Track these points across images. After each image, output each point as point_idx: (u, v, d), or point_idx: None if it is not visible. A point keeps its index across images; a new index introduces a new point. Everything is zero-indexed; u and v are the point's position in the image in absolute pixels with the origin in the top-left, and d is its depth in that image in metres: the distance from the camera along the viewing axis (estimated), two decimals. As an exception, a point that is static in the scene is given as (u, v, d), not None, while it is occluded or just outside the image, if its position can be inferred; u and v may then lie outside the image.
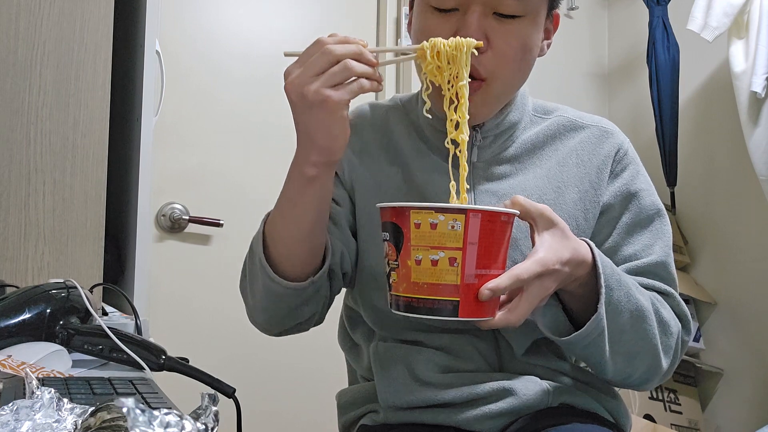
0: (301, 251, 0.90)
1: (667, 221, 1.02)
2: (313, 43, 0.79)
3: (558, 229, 0.84)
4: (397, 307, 0.79)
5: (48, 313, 0.97)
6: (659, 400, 2.42)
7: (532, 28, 0.91)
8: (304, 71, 0.78)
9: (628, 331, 0.90)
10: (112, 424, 0.43)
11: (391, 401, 0.96)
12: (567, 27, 2.85)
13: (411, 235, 0.75)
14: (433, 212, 0.74)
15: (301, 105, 0.79)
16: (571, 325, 0.90)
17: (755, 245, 2.45)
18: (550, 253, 0.82)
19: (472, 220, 0.73)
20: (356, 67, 0.78)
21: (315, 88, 0.77)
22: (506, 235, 0.79)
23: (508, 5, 0.87)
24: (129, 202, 1.77)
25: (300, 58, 0.80)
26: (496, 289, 0.77)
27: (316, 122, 0.80)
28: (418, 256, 0.75)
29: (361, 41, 0.80)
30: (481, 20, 0.87)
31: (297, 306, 0.93)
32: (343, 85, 0.78)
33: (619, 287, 0.88)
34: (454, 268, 0.74)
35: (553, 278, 0.82)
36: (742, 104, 2.26)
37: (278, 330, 0.99)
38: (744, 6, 2.26)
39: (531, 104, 1.04)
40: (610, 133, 1.03)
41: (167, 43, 2.10)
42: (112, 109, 1.59)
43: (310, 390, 2.27)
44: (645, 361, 0.93)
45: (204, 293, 2.22)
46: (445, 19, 0.89)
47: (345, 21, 2.46)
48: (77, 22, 1.54)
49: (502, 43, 0.89)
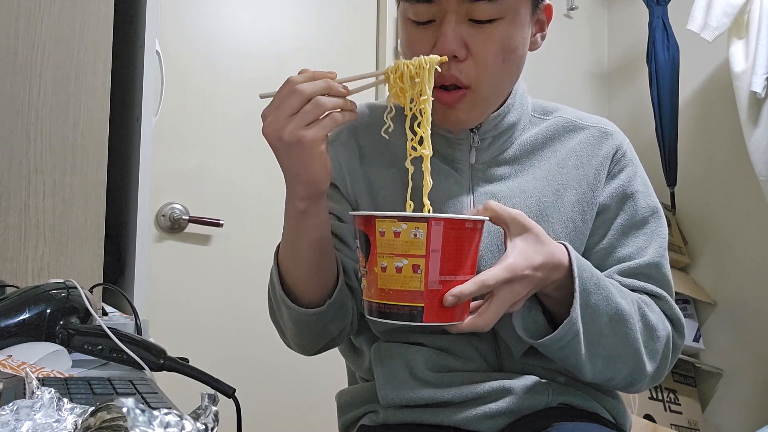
0: (313, 278, 0.92)
1: (664, 223, 1.01)
2: (284, 84, 0.82)
3: (531, 234, 0.84)
4: (369, 312, 0.81)
5: (48, 313, 0.97)
6: (659, 400, 2.42)
7: (512, 27, 0.90)
8: (277, 114, 0.80)
9: (608, 334, 0.89)
10: (112, 424, 0.43)
11: (390, 397, 0.96)
12: (567, 27, 2.85)
13: (377, 242, 0.77)
14: (396, 221, 0.75)
15: (280, 147, 0.82)
16: (549, 328, 0.90)
17: (755, 245, 2.45)
18: (520, 259, 0.82)
19: (434, 228, 0.75)
20: (327, 103, 0.80)
21: (290, 129, 0.79)
22: (474, 242, 0.79)
23: (482, 10, 0.87)
24: (129, 202, 1.77)
25: (273, 100, 0.82)
26: (460, 294, 0.78)
27: (297, 161, 0.82)
28: (384, 263, 0.76)
29: (330, 74, 0.82)
30: (456, 29, 0.87)
31: (323, 326, 0.95)
32: (317, 122, 0.80)
33: (598, 291, 0.87)
34: (417, 275, 0.76)
35: (524, 284, 0.82)
36: (742, 104, 2.26)
37: (314, 351, 1.02)
38: (744, 6, 2.26)
39: (530, 105, 1.04)
40: (609, 134, 1.03)
41: (167, 43, 2.10)
42: (112, 109, 1.59)
43: (310, 390, 2.27)
44: (627, 365, 0.92)
45: (204, 293, 2.22)
46: (423, 31, 0.89)
47: (345, 21, 2.46)
48: (77, 22, 1.54)
49: (481, 48, 0.88)
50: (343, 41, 2.46)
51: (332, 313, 0.94)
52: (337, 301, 0.94)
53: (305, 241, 0.89)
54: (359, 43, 2.49)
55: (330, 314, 0.94)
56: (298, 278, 0.93)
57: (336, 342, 1.01)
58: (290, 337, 1.00)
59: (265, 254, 0.99)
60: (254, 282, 1.92)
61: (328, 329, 0.96)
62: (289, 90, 0.81)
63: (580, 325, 0.86)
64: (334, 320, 0.96)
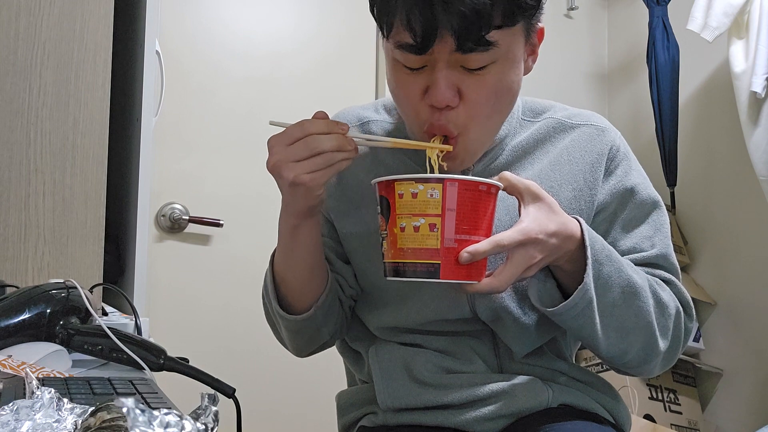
0: (306, 283, 0.96)
1: (665, 212, 1.02)
2: (298, 126, 0.82)
3: (544, 204, 0.85)
4: (386, 273, 0.84)
5: (48, 313, 0.97)
6: (659, 400, 2.42)
7: (506, 69, 0.86)
8: (286, 155, 0.82)
9: (621, 305, 0.90)
10: (112, 424, 0.43)
11: (390, 403, 0.96)
12: (567, 27, 2.85)
13: (396, 204, 0.81)
14: (414, 182, 0.80)
15: (281, 182, 0.84)
16: (562, 298, 0.90)
17: (755, 245, 2.45)
18: (534, 224, 0.83)
19: (449, 189, 0.79)
20: (337, 157, 0.82)
21: (295, 173, 0.81)
22: (489, 206, 0.82)
23: (474, 60, 0.83)
24: (129, 202, 1.77)
25: (283, 137, 0.83)
26: (475, 252, 0.79)
27: (294, 197, 0.86)
28: (402, 223, 0.80)
29: (342, 128, 0.82)
30: (449, 76, 0.84)
31: (314, 331, 0.99)
32: (323, 169, 0.82)
33: (610, 262, 0.88)
34: (434, 233, 0.79)
35: (538, 248, 0.83)
36: (742, 104, 2.26)
37: (306, 353, 1.06)
38: (744, 6, 2.26)
39: (520, 108, 1.03)
40: (602, 130, 1.02)
41: (167, 43, 2.10)
42: (112, 109, 1.59)
43: (309, 390, 2.27)
44: (639, 339, 0.93)
45: (204, 293, 2.22)
46: (414, 77, 0.86)
47: (344, 21, 2.46)
48: (77, 22, 1.54)
49: (475, 95, 0.85)
50: (343, 41, 2.46)
51: (320, 318, 0.97)
52: (323, 307, 0.96)
53: (299, 249, 0.92)
54: (359, 43, 2.49)
55: (318, 319, 0.97)
56: (293, 283, 0.96)
57: (327, 345, 1.06)
58: (284, 340, 1.04)
59: (265, 254, 0.99)
60: (254, 282, 1.92)
61: (320, 333, 1.00)
62: (302, 136, 0.82)
63: (593, 293, 0.87)
64: (325, 324, 0.99)
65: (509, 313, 0.95)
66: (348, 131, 0.83)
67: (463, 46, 0.80)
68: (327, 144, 0.81)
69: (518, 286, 0.96)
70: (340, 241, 1.03)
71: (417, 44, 0.81)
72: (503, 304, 0.96)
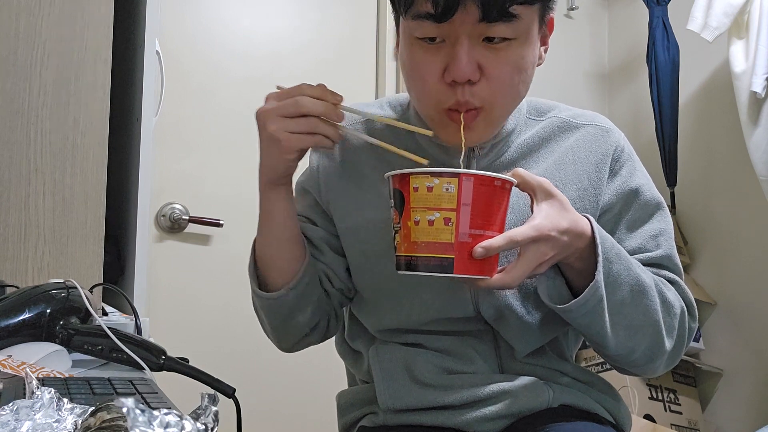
0: (280, 259, 0.96)
1: (668, 212, 1.03)
2: (297, 87, 0.87)
3: (557, 201, 0.86)
4: (398, 266, 0.84)
5: (48, 313, 0.97)
6: (659, 400, 2.42)
7: (525, 47, 0.88)
8: (275, 108, 0.86)
9: (629, 304, 0.90)
10: (112, 424, 0.43)
11: (390, 404, 0.96)
12: (567, 27, 2.85)
13: (410, 198, 0.81)
14: (429, 176, 0.79)
15: (262, 133, 0.88)
16: (572, 296, 0.90)
17: (755, 245, 2.45)
18: (546, 221, 0.83)
19: (465, 183, 0.79)
20: (319, 127, 0.85)
21: (277, 126, 0.85)
22: (503, 201, 0.82)
23: (497, 29, 0.84)
24: (129, 202, 1.77)
25: (281, 93, 0.88)
26: (489, 247, 0.79)
27: (268, 151, 0.89)
28: (417, 217, 0.80)
29: (336, 98, 0.87)
30: (471, 51, 0.84)
31: (287, 314, 0.98)
32: (302, 133, 0.86)
33: (619, 261, 0.89)
34: (448, 227, 0.79)
35: (550, 245, 0.83)
36: (742, 104, 2.26)
37: (288, 345, 1.05)
38: (744, 6, 2.26)
39: (526, 106, 1.03)
40: (606, 131, 1.03)
41: (167, 43, 2.10)
42: (112, 109, 1.59)
43: (310, 390, 2.27)
44: (647, 337, 0.93)
45: (204, 293, 2.22)
46: (433, 53, 0.86)
47: (345, 21, 2.46)
48: (77, 22, 1.54)
49: (496, 71, 0.86)
50: (343, 41, 2.46)
51: (292, 301, 0.96)
52: (298, 287, 0.96)
53: (270, 222, 0.95)
54: (359, 44, 2.49)
55: (290, 301, 0.96)
56: (265, 259, 0.97)
57: (309, 339, 1.04)
58: (264, 324, 1.04)
59: (265, 254, 1.00)
60: (254, 282, 1.92)
61: (295, 319, 0.99)
62: (296, 95, 0.85)
63: (603, 291, 0.87)
64: (300, 310, 0.98)
65: (513, 312, 0.95)
66: (341, 103, 0.86)
67: (488, 15, 0.81)
68: (314, 107, 0.85)
69: (522, 284, 0.96)
70: (338, 235, 1.02)
71: (438, 13, 0.82)
72: (507, 303, 0.96)
